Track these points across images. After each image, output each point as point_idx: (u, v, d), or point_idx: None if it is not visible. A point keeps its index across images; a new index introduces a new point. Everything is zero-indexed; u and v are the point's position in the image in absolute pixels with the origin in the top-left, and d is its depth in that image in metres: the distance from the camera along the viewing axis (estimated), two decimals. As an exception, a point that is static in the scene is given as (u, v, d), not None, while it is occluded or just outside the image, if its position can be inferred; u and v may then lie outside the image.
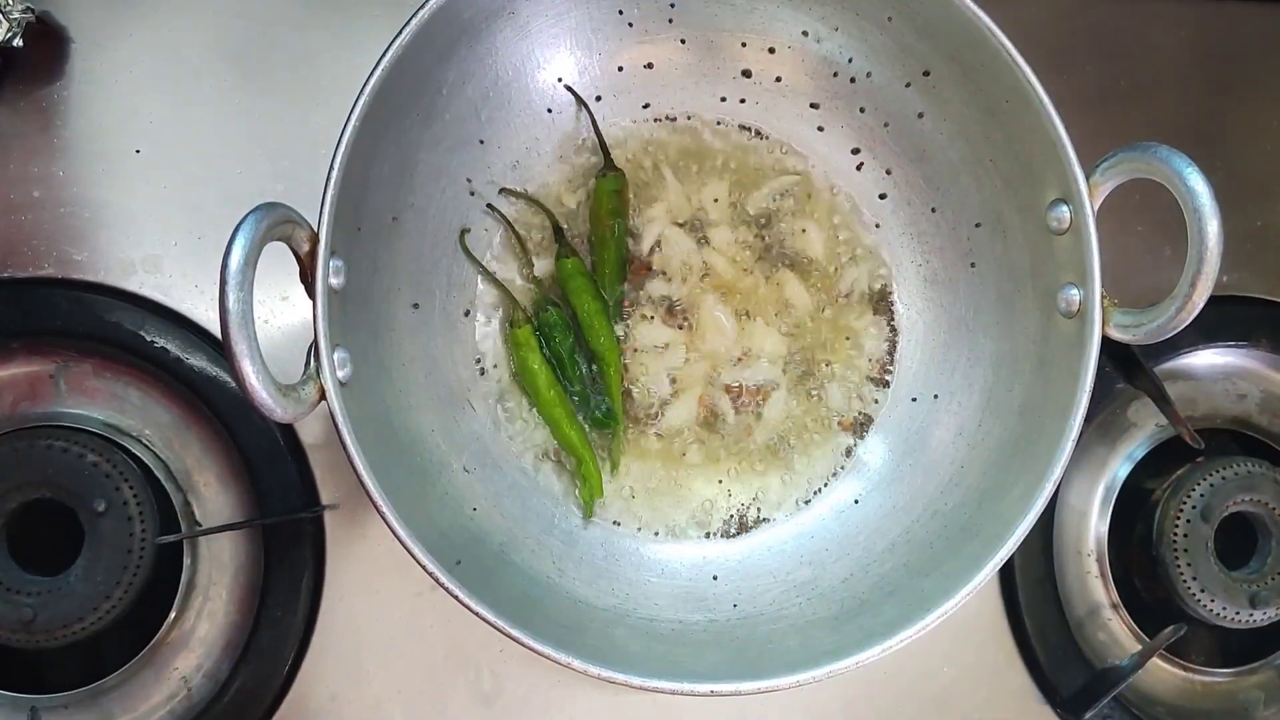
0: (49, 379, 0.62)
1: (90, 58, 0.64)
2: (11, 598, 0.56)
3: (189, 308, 0.62)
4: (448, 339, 0.59)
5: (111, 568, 0.57)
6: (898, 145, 0.60)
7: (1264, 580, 0.62)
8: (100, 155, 0.63)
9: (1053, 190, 0.51)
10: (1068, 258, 0.51)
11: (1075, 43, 0.68)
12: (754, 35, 0.60)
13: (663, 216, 0.61)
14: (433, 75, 0.54)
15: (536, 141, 0.61)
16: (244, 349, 0.41)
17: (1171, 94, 0.69)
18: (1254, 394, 0.68)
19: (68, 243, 0.62)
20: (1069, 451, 0.49)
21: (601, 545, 0.59)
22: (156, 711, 0.60)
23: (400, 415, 0.54)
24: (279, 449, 0.61)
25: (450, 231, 0.59)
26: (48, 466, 0.57)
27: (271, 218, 0.43)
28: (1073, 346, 0.51)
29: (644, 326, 0.61)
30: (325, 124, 0.49)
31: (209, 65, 0.64)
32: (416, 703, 0.61)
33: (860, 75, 0.59)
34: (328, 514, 0.62)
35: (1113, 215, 0.50)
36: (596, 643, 0.52)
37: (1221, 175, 0.47)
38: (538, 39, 0.58)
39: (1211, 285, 0.47)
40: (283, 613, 0.60)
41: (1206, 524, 0.62)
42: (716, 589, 0.58)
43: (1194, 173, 0.46)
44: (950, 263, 0.60)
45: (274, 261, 0.45)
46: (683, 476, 0.60)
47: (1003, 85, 0.51)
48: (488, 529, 0.56)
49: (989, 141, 0.56)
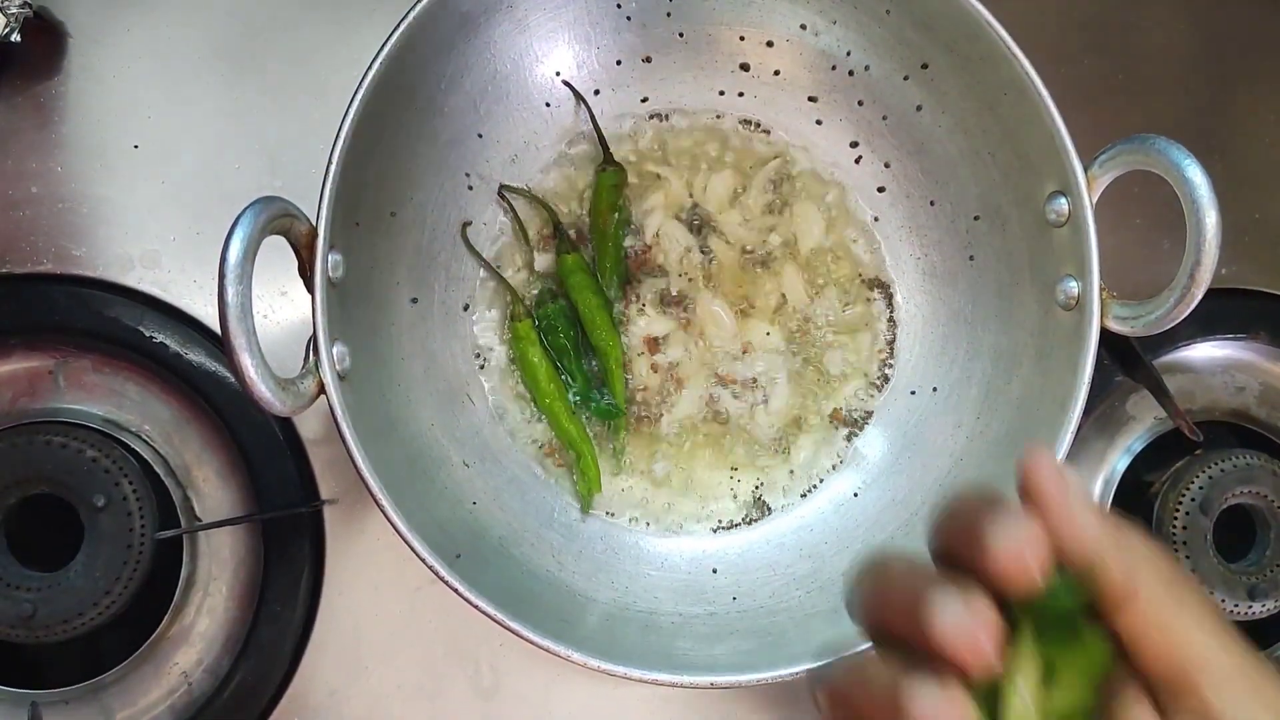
0: (48, 375, 0.62)
1: (88, 53, 0.64)
2: (11, 593, 0.56)
3: (188, 303, 0.62)
4: (447, 333, 0.59)
5: (111, 563, 0.57)
6: (896, 138, 0.60)
7: (1263, 573, 0.62)
8: (98, 151, 0.63)
9: (1051, 183, 0.51)
10: (1066, 250, 0.51)
11: (1074, 35, 0.68)
12: (752, 29, 0.60)
13: (662, 210, 0.61)
14: (431, 69, 0.54)
15: (535, 136, 0.61)
16: (243, 343, 0.41)
17: (1170, 86, 0.69)
18: (1253, 386, 0.68)
19: (66, 238, 0.62)
20: (1068, 444, 0.49)
21: (601, 539, 0.59)
22: (157, 707, 0.60)
23: (399, 409, 0.54)
24: (278, 444, 0.61)
25: (449, 225, 0.59)
26: (47, 462, 0.57)
27: (270, 212, 0.43)
28: (1071, 339, 0.51)
29: (644, 321, 0.61)
30: (323, 118, 0.49)
31: (207, 60, 0.64)
32: (416, 697, 0.61)
33: (859, 68, 0.59)
34: (327, 509, 0.62)
35: (1111, 208, 0.50)
36: (596, 636, 0.52)
37: (1220, 168, 0.48)
38: (535, 32, 0.58)
39: (1210, 278, 0.47)
40: (282, 608, 0.60)
41: (1205, 516, 0.62)
42: (716, 582, 0.58)
43: (1192, 165, 0.46)
44: (949, 255, 0.60)
45: (273, 256, 0.45)
46: (683, 470, 0.60)
47: (1001, 78, 0.51)
48: (487, 523, 0.56)
49: (987, 134, 0.56)
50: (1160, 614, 0.28)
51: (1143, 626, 0.28)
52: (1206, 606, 0.28)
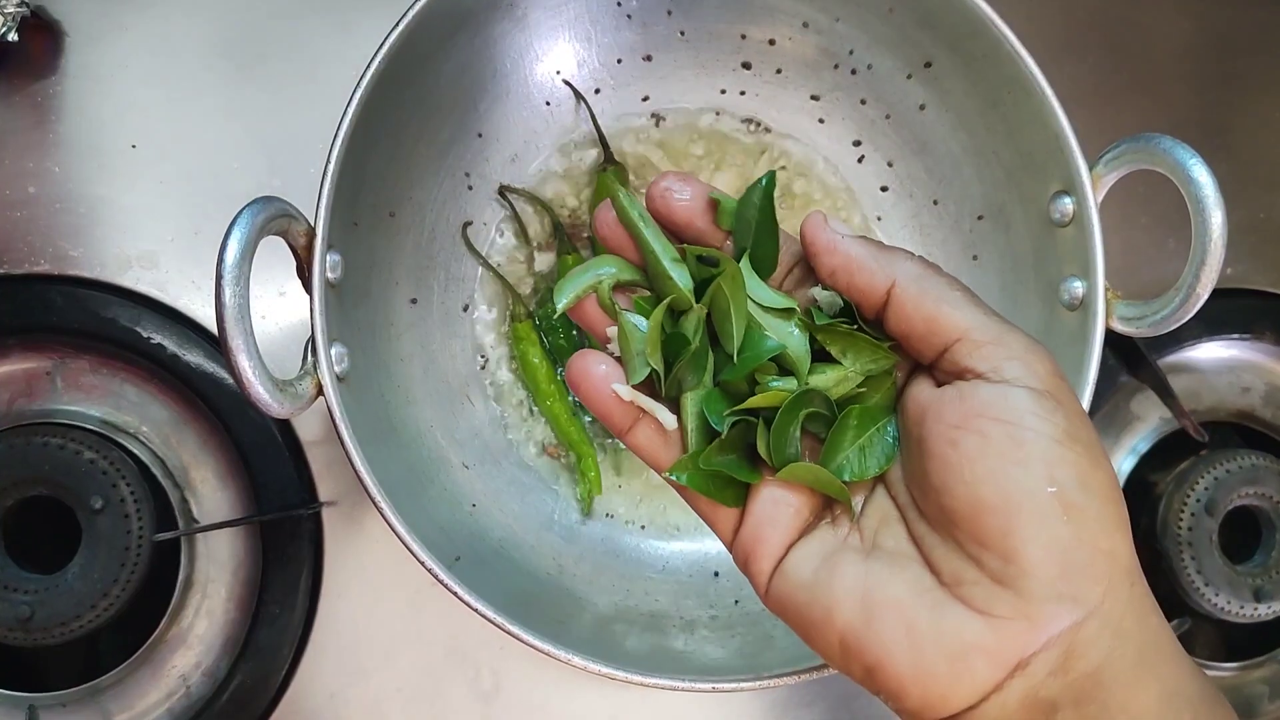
0: (45, 376, 0.61)
1: (85, 52, 0.63)
2: (8, 596, 0.56)
3: (185, 304, 0.62)
4: (446, 334, 0.59)
5: (109, 565, 0.56)
6: (899, 137, 0.60)
7: (1268, 574, 0.62)
8: (95, 151, 0.63)
9: (1055, 182, 0.51)
10: (1071, 250, 0.51)
11: (1078, 33, 0.68)
12: (754, 27, 0.59)
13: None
14: (430, 68, 0.53)
15: (535, 135, 0.61)
16: (240, 344, 0.41)
17: (1175, 85, 0.69)
18: (1258, 387, 0.68)
19: (63, 239, 0.62)
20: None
21: (602, 541, 0.59)
22: (155, 710, 0.60)
23: (399, 411, 0.54)
24: (276, 445, 0.61)
25: (448, 226, 0.59)
26: (44, 464, 0.57)
27: (268, 212, 0.42)
28: (1076, 339, 0.50)
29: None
30: (322, 118, 0.49)
31: (205, 59, 0.64)
32: (415, 700, 0.61)
33: (861, 67, 0.59)
34: (325, 511, 0.61)
35: (1116, 207, 0.50)
36: (597, 639, 0.52)
37: (1226, 167, 0.47)
38: (536, 31, 0.57)
39: (1215, 277, 0.46)
40: (281, 610, 0.60)
41: (1210, 517, 0.62)
42: (718, 585, 0.58)
43: (1198, 164, 0.46)
44: (953, 255, 0.60)
45: (271, 257, 0.44)
46: (683, 472, 0.60)
47: (1005, 76, 0.51)
48: (487, 525, 0.55)
49: (991, 133, 0.55)
50: (913, 299, 0.33)
51: (901, 313, 0.34)
52: (954, 289, 0.34)
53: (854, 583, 0.32)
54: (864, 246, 0.35)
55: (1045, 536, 0.30)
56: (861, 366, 0.35)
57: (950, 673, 0.30)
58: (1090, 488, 0.30)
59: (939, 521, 0.32)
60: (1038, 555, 0.30)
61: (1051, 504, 0.30)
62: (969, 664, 0.30)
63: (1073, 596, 0.30)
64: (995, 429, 0.31)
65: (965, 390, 0.32)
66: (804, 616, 0.34)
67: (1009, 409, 0.31)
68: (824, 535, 0.35)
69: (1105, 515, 0.31)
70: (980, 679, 0.30)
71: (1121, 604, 0.30)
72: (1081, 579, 0.30)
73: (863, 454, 0.35)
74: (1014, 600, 0.30)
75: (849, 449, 0.35)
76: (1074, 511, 0.30)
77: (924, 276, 0.34)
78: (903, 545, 0.33)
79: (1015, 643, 0.30)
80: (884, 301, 0.34)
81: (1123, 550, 0.31)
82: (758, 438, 0.36)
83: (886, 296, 0.34)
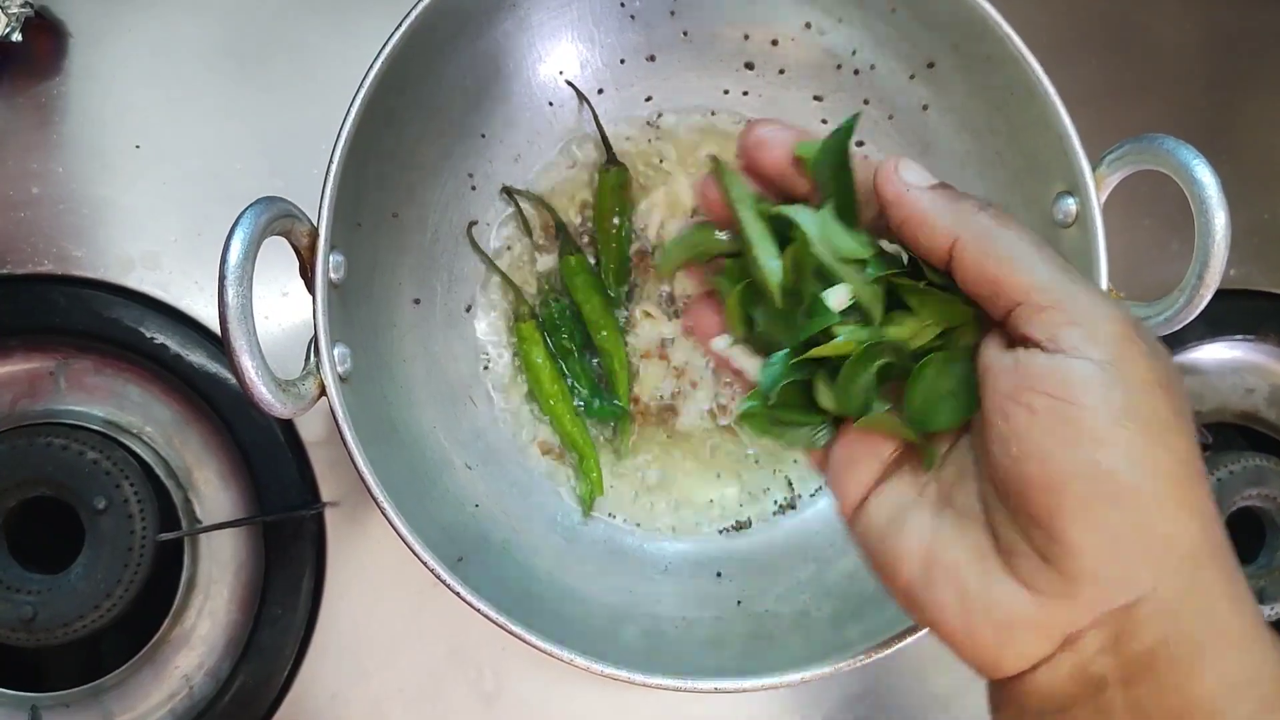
0: (48, 376, 0.61)
1: (89, 53, 0.64)
2: (12, 596, 0.56)
3: (188, 304, 0.62)
4: (449, 334, 0.59)
5: (112, 565, 0.57)
6: (902, 138, 0.60)
7: (1273, 575, 0.62)
8: (99, 151, 0.63)
9: (1059, 183, 0.51)
10: (1074, 250, 0.51)
11: (1081, 34, 0.68)
12: (757, 27, 0.59)
13: (665, 210, 0.61)
14: (432, 69, 0.53)
15: (538, 135, 0.61)
16: (243, 344, 0.41)
17: (1179, 86, 0.69)
18: (1262, 388, 0.68)
19: (66, 239, 0.62)
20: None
21: (604, 542, 0.59)
22: (157, 710, 0.60)
23: (401, 411, 0.54)
24: (279, 446, 0.61)
25: (451, 226, 0.59)
26: (47, 464, 0.57)
27: (271, 212, 0.42)
28: (1079, 340, 0.50)
29: (648, 323, 0.60)
30: (325, 118, 0.49)
31: (208, 60, 0.64)
32: (417, 701, 0.61)
33: (864, 67, 0.59)
34: (328, 511, 0.61)
35: (1119, 208, 0.50)
36: (599, 640, 0.52)
37: (1229, 168, 0.47)
38: (539, 31, 0.57)
39: (1219, 278, 0.46)
40: (283, 610, 0.60)
41: (1214, 519, 0.62)
42: (720, 586, 0.58)
43: (1201, 165, 0.46)
44: (955, 256, 0.60)
45: (274, 257, 0.45)
46: (687, 473, 0.60)
47: (1008, 77, 0.51)
48: (489, 525, 0.55)
49: (994, 134, 0.55)
50: (974, 260, 0.32)
51: (965, 274, 0.32)
52: (1022, 244, 0.32)
53: (919, 542, 0.33)
54: (931, 199, 0.33)
55: (1091, 520, 0.29)
56: (937, 320, 0.34)
57: (997, 641, 0.31)
58: (1147, 468, 0.29)
59: (996, 487, 0.32)
60: (1082, 539, 0.29)
61: (1099, 488, 0.29)
62: (1014, 634, 0.30)
63: (1120, 580, 0.29)
64: (1045, 404, 0.30)
65: (1022, 359, 0.31)
66: (876, 562, 0.34)
67: (1061, 384, 0.29)
68: (903, 483, 0.35)
69: (1165, 496, 0.29)
70: (1027, 649, 0.31)
71: (1180, 589, 0.29)
72: (1130, 564, 0.29)
73: (937, 405, 0.34)
74: (1057, 579, 0.29)
75: (921, 400, 0.34)
76: (1126, 495, 0.29)
77: (988, 234, 0.32)
78: (972, 504, 0.33)
79: (1059, 619, 0.30)
80: (949, 259, 0.33)
81: (1186, 534, 0.29)
82: (818, 387, 0.36)
83: (950, 255, 0.33)
